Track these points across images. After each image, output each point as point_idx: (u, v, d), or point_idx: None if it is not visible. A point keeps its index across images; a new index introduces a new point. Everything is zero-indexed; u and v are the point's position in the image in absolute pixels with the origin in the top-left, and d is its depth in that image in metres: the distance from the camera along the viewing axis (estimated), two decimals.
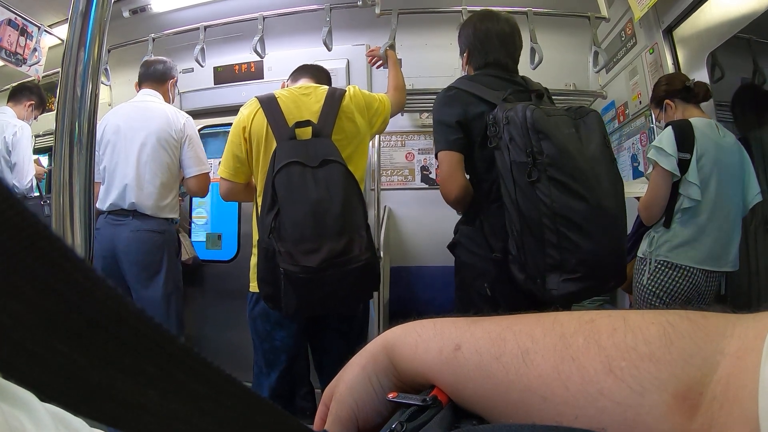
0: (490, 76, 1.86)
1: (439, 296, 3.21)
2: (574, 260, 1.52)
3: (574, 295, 1.58)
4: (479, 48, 1.90)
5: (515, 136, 1.57)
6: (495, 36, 1.88)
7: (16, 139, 2.99)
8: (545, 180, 1.53)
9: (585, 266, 1.52)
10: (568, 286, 1.54)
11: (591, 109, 1.72)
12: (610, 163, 1.63)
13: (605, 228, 1.54)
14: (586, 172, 1.54)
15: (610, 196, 1.57)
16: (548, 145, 1.52)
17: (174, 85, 2.74)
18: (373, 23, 3.10)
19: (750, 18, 2.12)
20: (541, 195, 1.53)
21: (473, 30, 1.92)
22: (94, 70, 0.80)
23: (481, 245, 1.81)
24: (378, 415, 0.42)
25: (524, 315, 0.39)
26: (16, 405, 0.24)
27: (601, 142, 1.63)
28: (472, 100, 1.79)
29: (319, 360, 2.09)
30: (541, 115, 1.55)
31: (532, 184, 1.54)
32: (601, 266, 1.56)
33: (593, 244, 1.52)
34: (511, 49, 1.90)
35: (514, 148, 1.58)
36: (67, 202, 0.79)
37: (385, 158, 3.55)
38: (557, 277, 1.55)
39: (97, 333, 0.19)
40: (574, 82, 3.47)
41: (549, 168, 1.52)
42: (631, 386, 0.30)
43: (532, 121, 1.54)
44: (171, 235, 2.63)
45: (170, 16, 3.65)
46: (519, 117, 1.57)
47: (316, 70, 2.17)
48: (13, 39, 3.20)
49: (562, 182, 1.51)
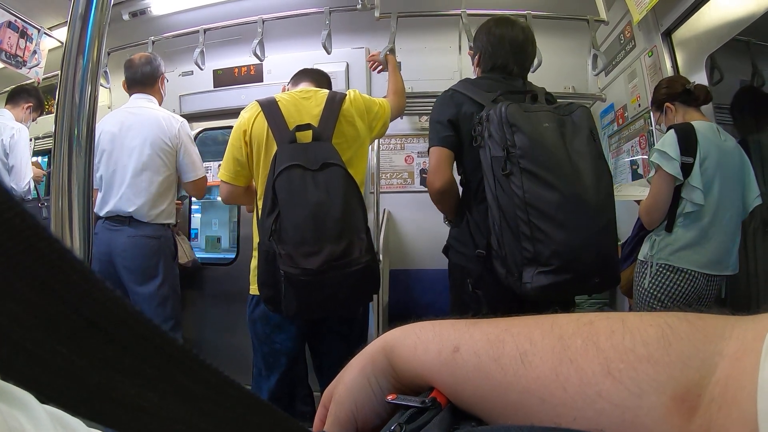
0: (491, 79, 1.89)
1: (438, 299, 3.21)
2: (547, 252, 1.52)
3: (549, 288, 1.55)
4: (489, 51, 1.91)
5: (493, 132, 1.61)
6: (507, 42, 1.89)
7: (14, 142, 2.99)
8: (518, 172, 1.55)
9: (559, 258, 1.52)
10: (541, 279, 1.54)
11: (580, 105, 1.73)
12: (596, 158, 1.63)
13: (582, 220, 1.54)
14: (560, 164, 1.55)
15: (591, 189, 1.57)
16: (520, 137, 1.56)
17: (163, 81, 2.73)
18: (372, 26, 3.10)
19: (749, 20, 2.12)
20: (514, 187, 1.56)
21: (487, 33, 1.93)
22: (93, 73, 0.80)
23: (466, 244, 1.84)
24: (377, 417, 0.42)
25: (523, 317, 0.39)
26: (15, 406, 0.24)
27: (587, 136, 1.63)
28: (465, 101, 1.83)
29: (319, 362, 2.09)
30: (516, 109, 1.59)
31: (507, 177, 1.57)
32: (578, 259, 1.54)
33: (566, 235, 1.52)
34: (522, 56, 1.91)
35: (493, 143, 1.62)
36: (66, 204, 0.79)
37: (385, 161, 3.55)
38: (532, 270, 1.55)
39: (96, 334, 0.19)
40: (574, 85, 3.47)
41: (521, 160, 1.55)
42: (630, 388, 0.30)
43: (506, 115, 1.58)
44: (167, 240, 2.63)
45: (170, 19, 3.66)
46: (497, 114, 1.61)
47: (317, 74, 2.18)
48: (13, 41, 3.20)
49: (533, 173, 1.54)
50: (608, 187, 1.64)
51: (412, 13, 3.01)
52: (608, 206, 1.63)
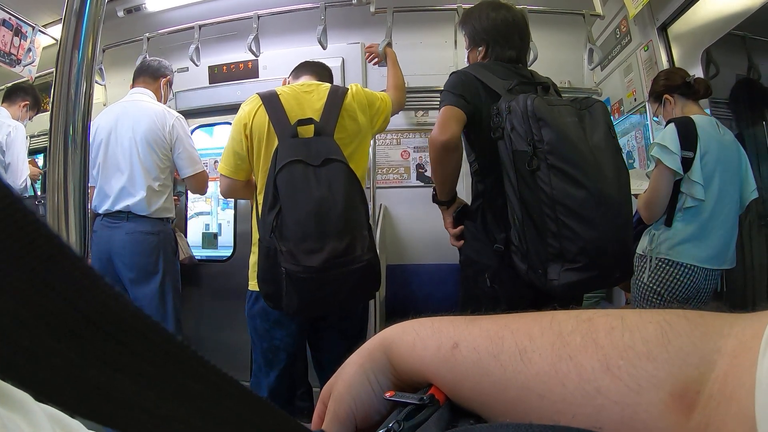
0: (504, 67, 1.84)
1: (435, 294, 3.22)
2: (574, 249, 1.51)
3: (576, 286, 1.54)
4: (500, 42, 1.87)
5: (516, 125, 1.57)
6: (515, 31, 1.87)
7: (10, 140, 2.98)
8: (545, 168, 1.52)
9: (586, 255, 1.51)
10: (569, 276, 1.52)
11: (597, 100, 1.71)
12: (615, 153, 1.62)
13: (607, 216, 1.52)
14: (586, 160, 1.53)
15: (614, 185, 1.55)
16: (548, 132, 1.52)
17: (167, 84, 2.73)
18: (368, 21, 3.09)
19: (744, 15, 2.12)
20: (541, 183, 1.53)
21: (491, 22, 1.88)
22: (88, 70, 0.80)
23: (482, 239, 1.81)
24: (376, 414, 0.42)
25: (522, 314, 0.39)
26: (12, 406, 0.24)
27: (605, 131, 1.62)
28: (477, 83, 1.79)
29: (319, 359, 2.08)
30: (542, 103, 1.56)
31: (533, 173, 1.54)
32: (605, 256, 1.53)
33: (594, 232, 1.50)
34: (526, 44, 1.91)
35: (516, 137, 1.58)
36: (62, 202, 0.79)
37: (381, 156, 3.55)
38: (558, 266, 1.54)
39: (94, 331, 0.19)
40: (569, 79, 3.47)
41: (549, 156, 1.52)
42: (629, 385, 0.30)
43: (532, 109, 1.54)
44: (167, 235, 2.62)
45: (165, 16, 3.64)
46: (520, 106, 1.57)
47: (319, 67, 2.15)
48: (8, 39, 3.19)
49: (561, 170, 1.51)
50: (628, 182, 1.63)
51: (407, 7, 3.01)
52: (628, 201, 1.62)
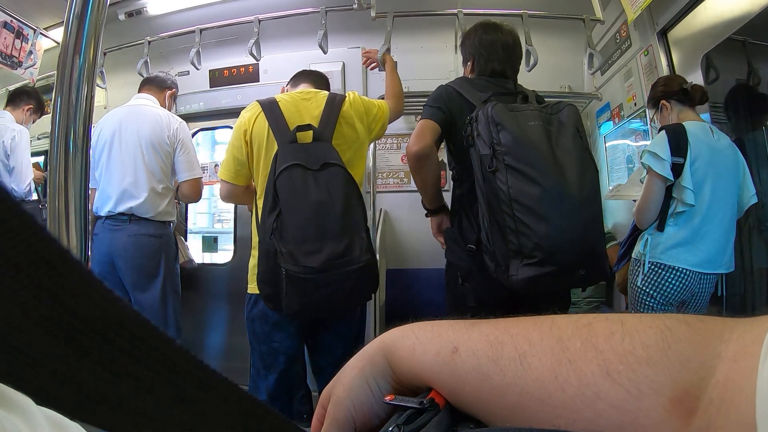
0: (486, 81, 1.94)
1: (435, 298, 3.21)
2: (530, 244, 1.57)
3: (535, 280, 1.59)
4: (485, 57, 1.97)
5: (482, 132, 1.68)
6: (500, 46, 1.96)
7: (15, 143, 2.98)
8: (503, 168, 1.61)
9: (541, 250, 1.56)
10: (526, 271, 1.58)
11: (568, 104, 1.79)
12: (582, 153, 1.68)
13: (564, 213, 1.58)
14: (543, 159, 1.61)
15: (575, 184, 1.61)
16: (505, 135, 1.62)
17: (172, 97, 2.76)
18: (368, 26, 3.09)
19: (744, 20, 2.12)
20: (499, 183, 1.61)
21: (479, 39, 1.99)
22: (89, 73, 0.80)
23: (457, 241, 1.90)
24: (375, 418, 0.41)
25: (522, 318, 0.39)
26: (13, 409, 0.24)
27: (573, 133, 1.69)
28: (459, 98, 1.90)
29: (318, 362, 2.09)
30: (501, 109, 1.67)
31: (493, 174, 1.63)
32: (560, 252, 1.58)
33: (547, 228, 1.56)
34: (513, 59, 2.00)
35: (481, 142, 1.68)
36: (62, 205, 0.79)
37: (381, 161, 3.55)
38: (518, 262, 1.60)
39: (94, 336, 0.19)
40: (570, 84, 3.48)
41: (505, 157, 1.61)
42: (629, 390, 0.30)
43: (491, 115, 1.65)
44: (169, 238, 2.63)
45: (166, 19, 3.64)
46: (484, 113, 1.67)
47: (316, 76, 2.20)
48: (9, 42, 3.19)
49: (517, 169, 1.59)
50: (593, 183, 1.69)
51: (408, 12, 3.01)
52: (593, 200, 1.67)
